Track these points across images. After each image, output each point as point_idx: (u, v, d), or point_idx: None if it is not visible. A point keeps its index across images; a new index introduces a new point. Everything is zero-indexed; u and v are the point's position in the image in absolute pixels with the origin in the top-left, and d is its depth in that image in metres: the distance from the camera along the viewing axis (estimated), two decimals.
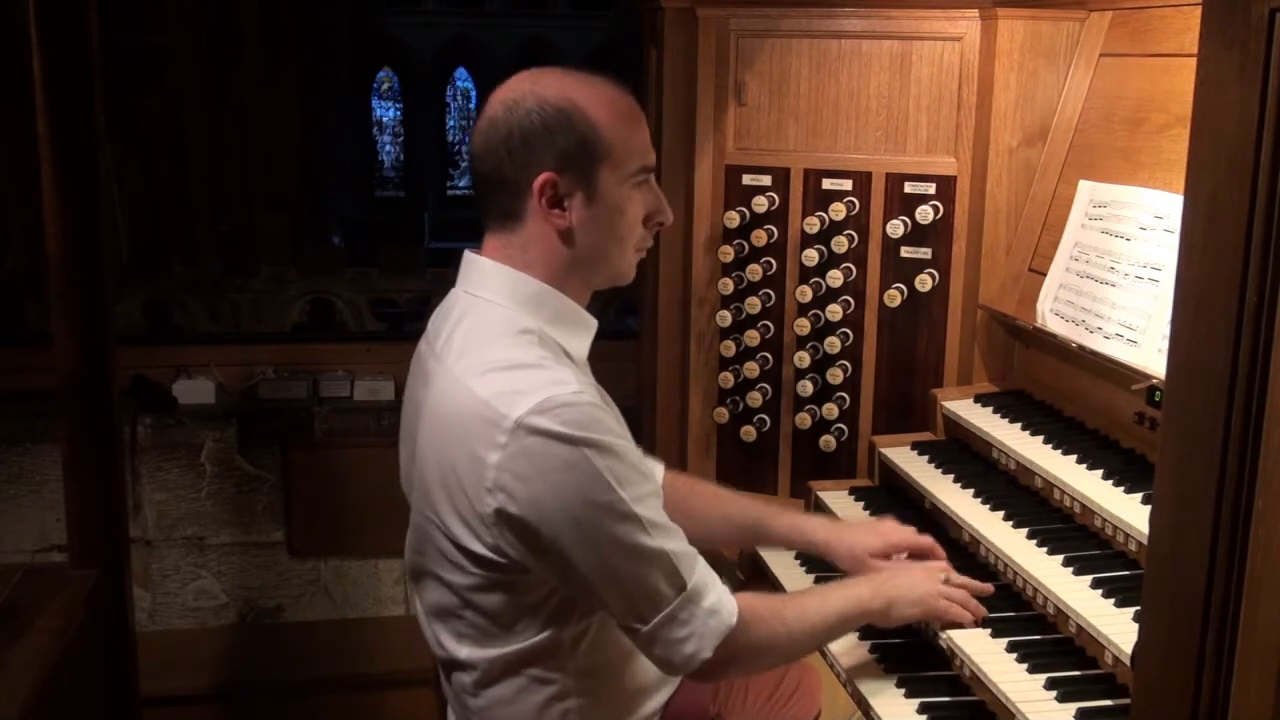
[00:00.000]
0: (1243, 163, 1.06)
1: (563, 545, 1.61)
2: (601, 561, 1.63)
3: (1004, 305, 2.59)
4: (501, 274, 1.74)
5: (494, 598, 1.71)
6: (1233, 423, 1.09)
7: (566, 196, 1.70)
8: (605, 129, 1.69)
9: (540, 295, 1.73)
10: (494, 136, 1.70)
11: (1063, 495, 2.17)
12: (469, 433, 1.62)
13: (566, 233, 1.71)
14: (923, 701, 1.96)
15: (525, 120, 1.68)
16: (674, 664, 1.71)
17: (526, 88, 1.71)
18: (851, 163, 2.71)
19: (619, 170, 1.71)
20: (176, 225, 11.08)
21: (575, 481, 1.59)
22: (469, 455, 1.62)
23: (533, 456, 1.58)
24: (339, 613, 3.91)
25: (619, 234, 1.75)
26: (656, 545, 1.65)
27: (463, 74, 23.75)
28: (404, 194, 23.07)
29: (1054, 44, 2.59)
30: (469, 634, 1.76)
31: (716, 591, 1.71)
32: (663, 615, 1.66)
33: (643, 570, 1.64)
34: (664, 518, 1.69)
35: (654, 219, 1.79)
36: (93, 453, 2.69)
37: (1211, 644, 1.14)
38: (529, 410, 1.58)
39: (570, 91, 1.70)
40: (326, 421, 3.84)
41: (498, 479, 1.60)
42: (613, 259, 1.77)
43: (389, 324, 8.19)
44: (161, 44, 11.13)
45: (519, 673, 1.75)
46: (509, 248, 1.74)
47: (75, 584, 2.59)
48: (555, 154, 1.67)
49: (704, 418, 2.94)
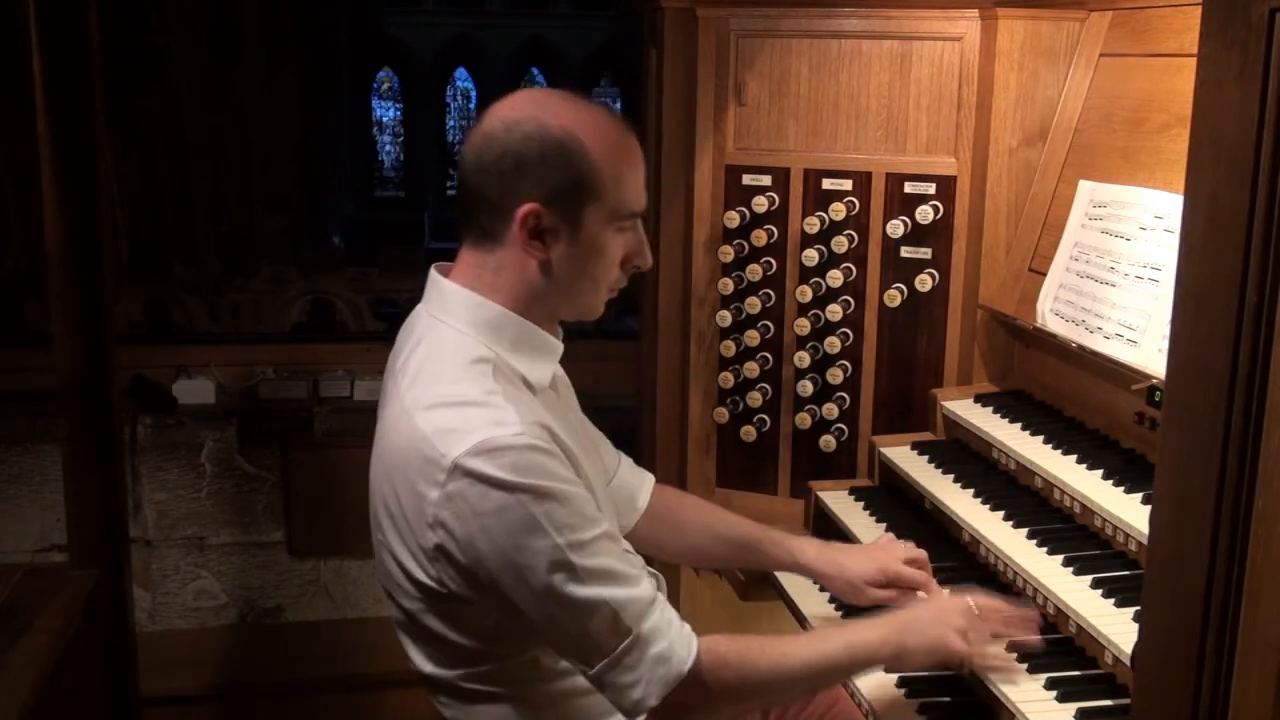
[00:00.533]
0: (1243, 163, 1.06)
1: (501, 586, 1.61)
2: (539, 605, 1.61)
3: (1004, 305, 2.59)
4: (463, 299, 1.72)
5: (443, 622, 1.70)
6: (1233, 423, 1.09)
7: (549, 231, 1.67)
8: (603, 171, 1.66)
9: (500, 321, 1.71)
10: (487, 153, 1.66)
11: (1063, 495, 2.17)
12: (411, 467, 1.62)
13: (543, 264, 1.69)
14: (923, 702, 1.96)
15: (522, 145, 1.64)
16: (623, 707, 1.67)
17: (529, 110, 1.68)
18: (851, 163, 2.71)
19: (607, 213, 1.69)
20: (176, 225, 11.07)
21: (509, 526, 1.57)
22: (411, 489, 1.62)
23: (469, 499, 1.57)
24: (339, 613, 3.91)
25: (594, 274, 1.73)
26: (594, 594, 1.60)
27: (463, 74, 23.75)
28: (404, 194, 23.08)
29: (1054, 44, 2.59)
30: (430, 653, 1.76)
31: (669, 638, 1.65)
32: (606, 661, 1.63)
33: (580, 618, 1.61)
34: (613, 562, 1.64)
35: (632, 262, 1.77)
36: (93, 453, 2.70)
37: (1211, 644, 1.14)
38: (466, 451, 1.56)
39: (574, 124, 1.66)
40: (326, 421, 3.84)
41: (437, 515, 1.60)
42: (584, 297, 1.75)
43: (389, 324, 8.18)
44: (161, 44, 11.12)
45: (483, 689, 1.74)
46: (481, 268, 1.72)
47: (75, 584, 2.59)
48: (546, 186, 1.65)
49: (704, 418, 2.93)
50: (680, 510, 2.17)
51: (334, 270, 9.25)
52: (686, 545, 2.19)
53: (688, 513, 2.18)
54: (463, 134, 23.84)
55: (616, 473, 2.11)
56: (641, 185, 1.74)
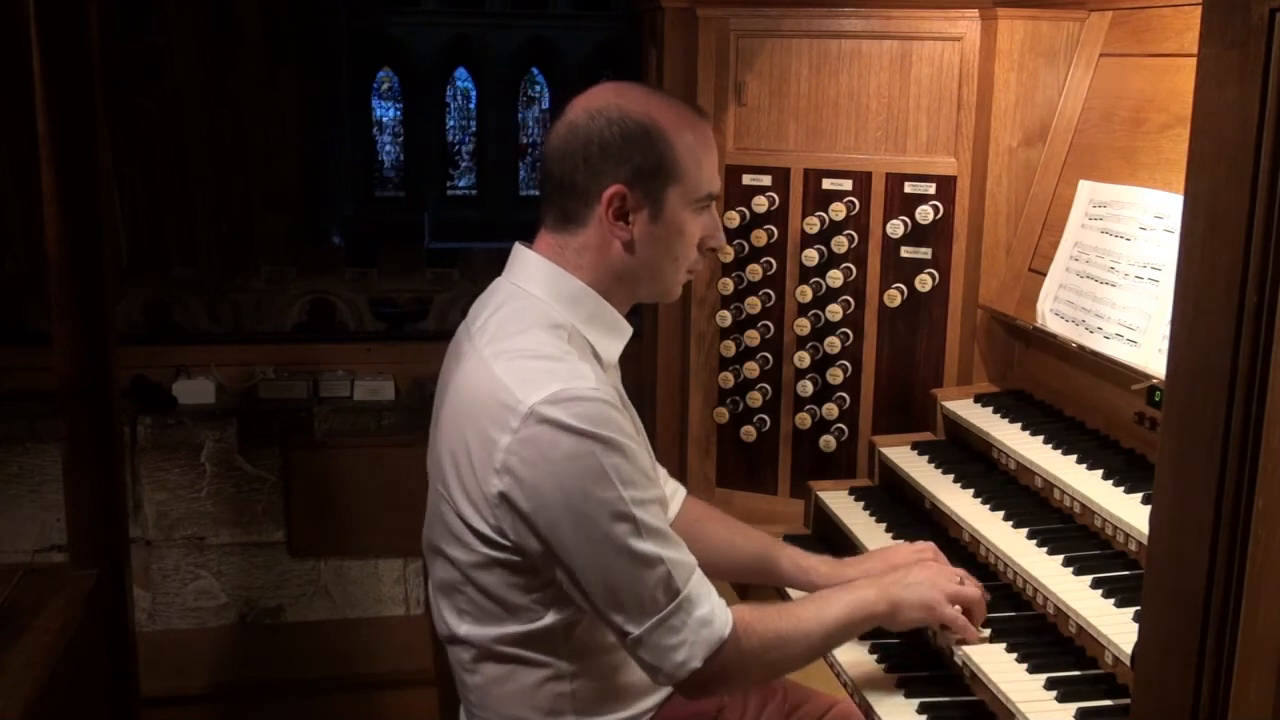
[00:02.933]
0: (1243, 163, 1.06)
1: (560, 535, 1.64)
2: (596, 557, 1.64)
3: (1004, 305, 2.59)
4: (546, 269, 1.79)
5: (494, 576, 1.73)
6: (1233, 423, 1.09)
7: (632, 210, 1.75)
8: (682, 152, 1.75)
9: (579, 294, 1.79)
10: (572, 141, 1.75)
11: (1063, 495, 2.17)
12: (485, 412, 1.67)
13: (627, 245, 1.78)
14: (922, 701, 1.96)
15: (606, 131, 1.73)
16: (662, 670, 1.70)
17: (611, 99, 1.77)
18: (851, 163, 2.71)
19: (687, 193, 1.78)
20: (176, 225, 11.06)
21: (578, 473, 1.62)
22: (481, 434, 1.66)
23: (541, 444, 1.62)
24: (339, 613, 3.91)
25: (675, 253, 1.81)
26: (651, 550, 1.65)
27: (463, 74, 23.75)
28: (404, 194, 23.08)
29: (1054, 44, 2.59)
30: (469, 611, 1.78)
31: (710, 602, 1.71)
32: (653, 621, 1.66)
33: (636, 572, 1.65)
34: (664, 525, 1.70)
35: (708, 243, 1.85)
36: (93, 453, 2.69)
37: (1211, 644, 1.14)
38: (544, 399, 1.62)
39: (654, 110, 1.75)
40: (326, 421, 3.84)
41: (505, 461, 1.64)
42: (664, 276, 1.84)
43: (389, 324, 8.17)
44: (161, 44, 11.12)
45: (515, 653, 1.77)
46: (563, 249, 1.80)
47: (75, 584, 2.60)
48: (630, 168, 1.73)
49: (704, 418, 2.93)
50: (705, 523, 2.19)
51: (334, 270, 9.23)
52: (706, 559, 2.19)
53: (712, 525, 2.20)
54: (463, 134, 23.99)
55: None
56: (715, 168, 1.83)
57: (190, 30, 11.44)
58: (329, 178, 17.85)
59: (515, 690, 1.79)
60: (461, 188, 24.14)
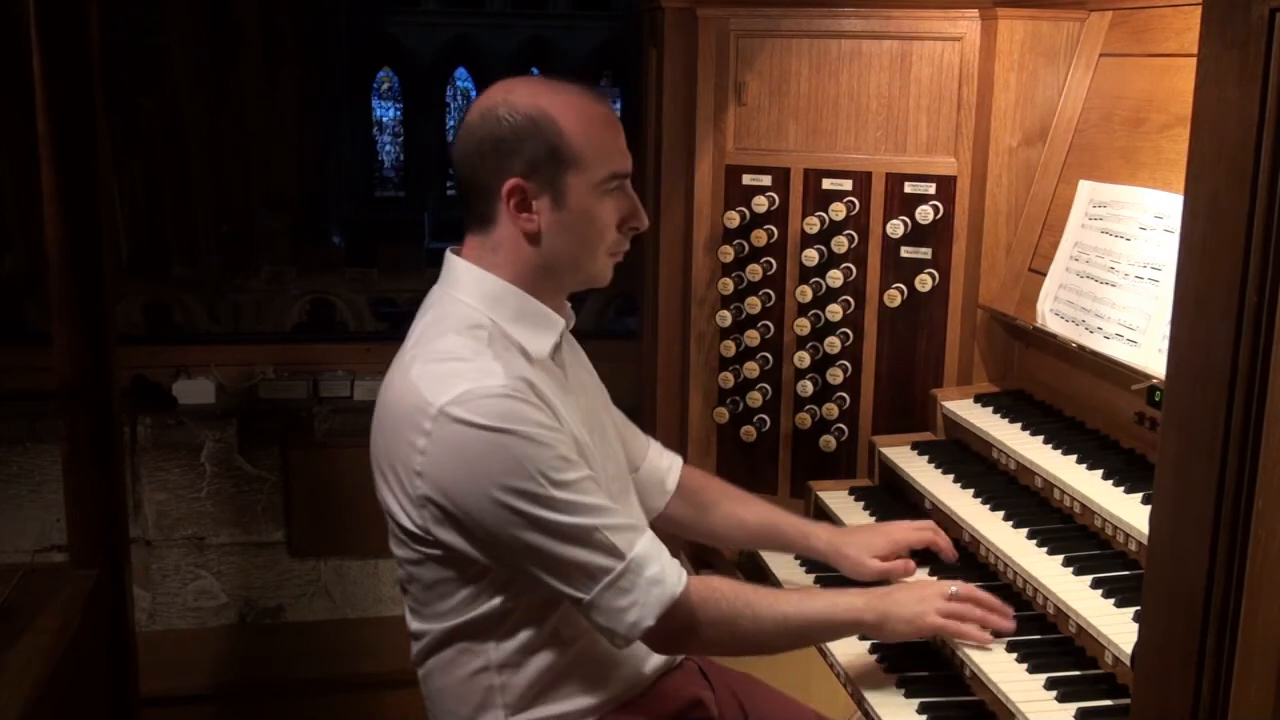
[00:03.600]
0: (1243, 163, 1.06)
1: (487, 528, 1.70)
2: (527, 542, 1.70)
3: (1004, 305, 2.59)
4: (470, 272, 1.84)
5: (429, 572, 1.80)
6: (1233, 423, 1.09)
7: (534, 200, 1.78)
8: (574, 137, 1.77)
9: (501, 293, 1.82)
10: (469, 142, 1.80)
11: (1063, 495, 2.17)
12: (403, 418, 1.73)
13: (534, 235, 1.80)
14: (922, 701, 1.96)
15: (496, 127, 1.77)
16: (618, 633, 1.75)
17: (500, 96, 1.80)
18: (851, 163, 2.71)
19: (587, 177, 1.79)
20: (176, 225, 11.05)
21: (490, 469, 1.67)
22: (402, 440, 1.73)
23: (451, 443, 1.68)
24: (339, 613, 3.91)
25: (588, 238, 1.83)
26: (581, 522, 1.70)
27: (463, 74, 23.73)
28: (404, 194, 23.06)
29: (1054, 44, 2.59)
30: (414, 607, 1.88)
31: (661, 563, 1.75)
32: (601, 585, 1.71)
33: (570, 547, 1.70)
34: (596, 499, 1.73)
35: (628, 223, 1.86)
36: (93, 453, 2.69)
37: (1211, 644, 1.14)
38: (451, 400, 1.68)
39: (541, 100, 1.78)
40: (326, 421, 3.84)
41: (423, 464, 1.70)
42: (583, 262, 1.85)
43: (389, 324, 8.17)
44: (161, 44, 11.10)
45: (451, 646, 1.84)
46: (482, 249, 1.84)
47: (75, 584, 2.59)
48: (523, 160, 1.76)
49: (704, 418, 2.93)
50: (705, 491, 2.25)
51: (334, 270, 9.22)
52: (709, 526, 2.28)
53: (713, 495, 2.25)
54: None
55: (646, 457, 2.20)
56: (622, 147, 1.84)
57: (190, 30, 11.42)
58: (329, 178, 17.82)
59: (451, 683, 1.86)
60: None
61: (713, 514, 2.24)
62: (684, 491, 2.23)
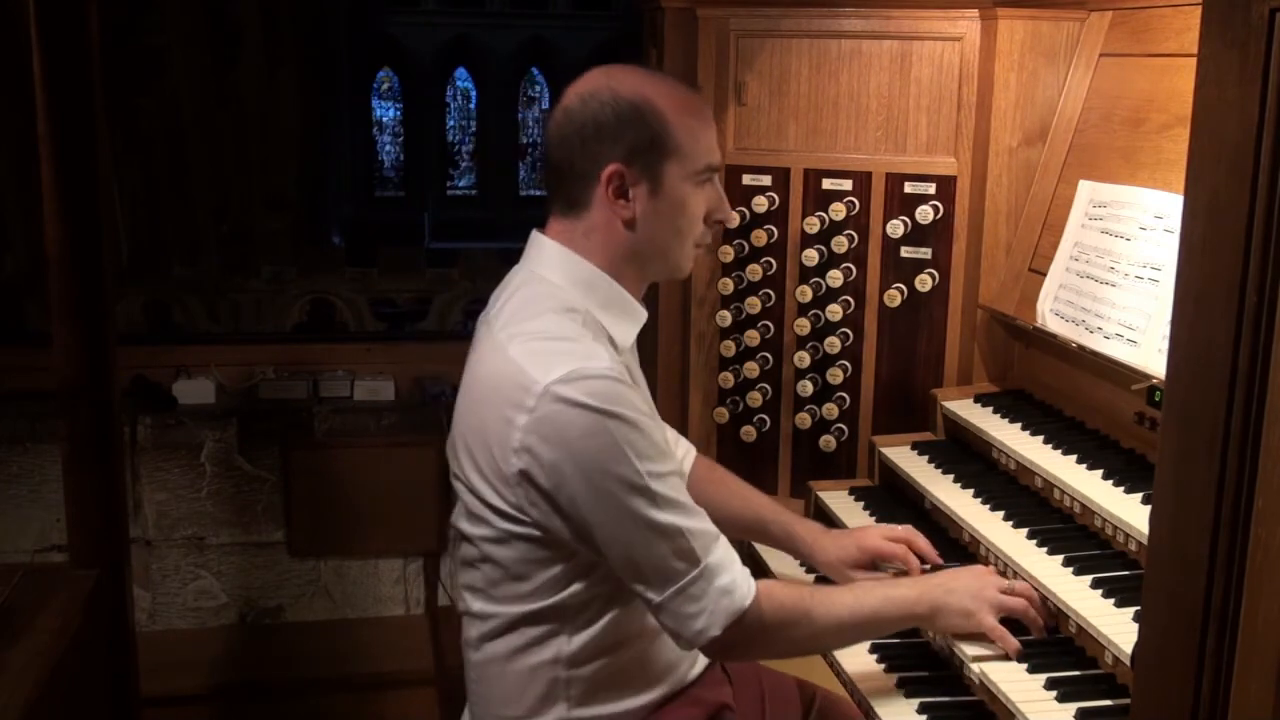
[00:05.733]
0: (1243, 163, 1.06)
1: (580, 510, 1.68)
2: (616, 529, 1.68)
3: (1004, 305, 2.59)
4: (560, 254, 1.82)
5: (512, 551, 1.77)
6: (1233, 423, 1.09)
7: (632, 187, 1.78)
8: (675, 126, 1.77)
9: (593, 279, 1.82)
10: (568, 126, 1.79)
11: (1063, 495, 2.17)
12: (501, 394, 1.71)
13: (629, 222, 1.80)
14: (922, 701, 1.96)
15: (599, 112, 1.76)
16: (683, 637, 1.74)
17: (602, 81, 1.80)
18: (851, 163, 2.71)
19: (685, 167, 1.80)
20: (176, 225, 11.06)
21: (594, 450, 1.66)
22: (499, 416, 1.70)
23: (556, 422, 1.66)
24: (339, 613, 3.91)
25: (680, 228, 1.83)
26: (669, 520, 1.69)
27: (463, 74, 23.74)
28: (404, 194, 23.07)
29: (1054, 44, 2.59)
30: (482, 587, 1.82)
31: (733, 573, 1.74)
32: (674, 589, 1.70)
33: (655, 543, 1.69)
34: (683, 496, 1.74)
35: (714, 217, 1.88)
36: (93, 453, 2.69)
37: (1211, 644, 1.14)
38: (558, 378, 1.66)
39: (644, 88, 1.78)
40: (326, 421, 3.84)
41: (524, 440, 1.68)
42: (672, 252, 1.86)
43: (389, 324, 8.18)
44: (161, 44, 11.11)
45: (520, 632, 1.80)
46: (572, 232, 1.83)
47: (75, 584, 2.59)
48: (625, 146, 1.76)
49: (704, 418, 2.93)
50: (709, 484, 2.25)
51: (334, 270, 9.23)
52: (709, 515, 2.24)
53: (715, 487, 2.26)
54: (463, 134, 23.99)
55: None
56: (714, 141, 1.85)
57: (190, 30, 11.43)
58: (329, 178, 17.83)
59: (513, 671, 1.81)
60: (461, 188, 24.14)
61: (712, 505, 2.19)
62: (693, 480, 2.22)
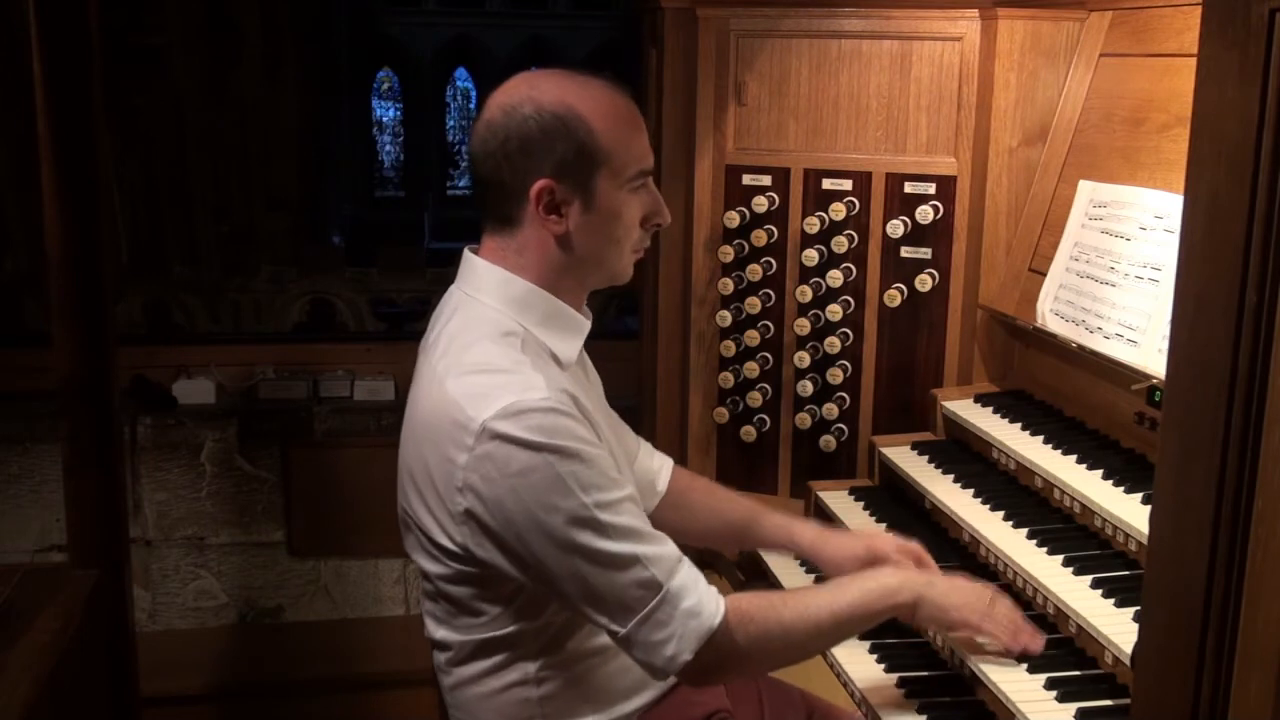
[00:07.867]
0: (1243, 163, 1.06)
1: (530, 547, 1.63)
2: (568, 565, 1.63)
3: (1004, 305, 2.59)
4: (494, 274, 1.77)
5: (463, 589, 1.74)
6: (1233, 423, 1.09)
7: (563, 203, 1.71)
8: (603, 136, 1.70)
9: (529, 297, 1.75)
10: (491, 141, 1.71)
11: (1063, 495, 2.17)
12: (441, 432, 1.66)
13: (563, 238, 1.73)
14: (923, 702, 1.96)
15: (523, 126, 1.69)
16: (656, 666, 1.69)
17: (524, 92, 1.72)
18: (851, 163, 2.71)
19: (616, 176, 1.72)
20: (176, 225, 11.06)
21: (537, 485, 1.61)
22: (440, 454, 1.66)
23: (496, 460, 1.61)
24: (339, 613, 3.92)
25: (615, 238, 1.76)
26: (622, 549, 1.64)
27: (463, 74, 23.73)
28: (404, 194, 23.06)
29: (1054, 44, 2.59)
30: (442, 617, 1.80)
31: (698, 594, 1.68)
32: (637, 618, 1.65)
33: (611, 574, 1.64)
34: (638, 522, 1.68)
35: (651, 220, 1.80)
36: (93, 453, 2.69)
37: (1211, 644, 1.14)
38: (495, 414, 1.61)
39: (568, 97, 1.70)
40: (326, 421, 3.84)
41: (466, 479, 1.63)
42: (609, 262, 1.79)
43: (389, 324, 8.18)
44: (160, 43, 11.10)
45: (486, 656, 1.78)
46: (504, 250, 1.77)
47: (75, 584, 2.59)
48: (553, 161, 1.69)
49: (704, 418, 2.93)
50: (690, 493, 2.21)
51: (334, 270, 9.23)
52: (695, 528, 2.22)
53: (696, 495, 2.22)
54: (463, 134, 23.97)
55: (636, 457, 2.15)
56: (646, 144, 1.78)
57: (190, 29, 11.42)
58: (329, 178, 17.82)
59: (484, 693, 1.80)
60: (461, 188, 24.10)
61: (697, 513, 2.19)
62: (671, 494, 2.18)
